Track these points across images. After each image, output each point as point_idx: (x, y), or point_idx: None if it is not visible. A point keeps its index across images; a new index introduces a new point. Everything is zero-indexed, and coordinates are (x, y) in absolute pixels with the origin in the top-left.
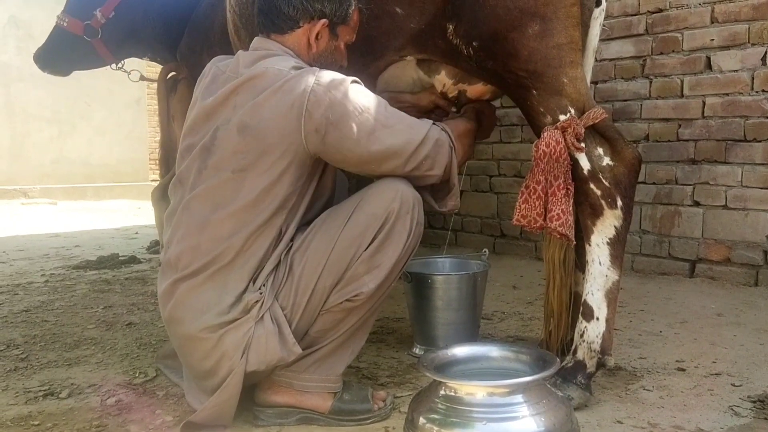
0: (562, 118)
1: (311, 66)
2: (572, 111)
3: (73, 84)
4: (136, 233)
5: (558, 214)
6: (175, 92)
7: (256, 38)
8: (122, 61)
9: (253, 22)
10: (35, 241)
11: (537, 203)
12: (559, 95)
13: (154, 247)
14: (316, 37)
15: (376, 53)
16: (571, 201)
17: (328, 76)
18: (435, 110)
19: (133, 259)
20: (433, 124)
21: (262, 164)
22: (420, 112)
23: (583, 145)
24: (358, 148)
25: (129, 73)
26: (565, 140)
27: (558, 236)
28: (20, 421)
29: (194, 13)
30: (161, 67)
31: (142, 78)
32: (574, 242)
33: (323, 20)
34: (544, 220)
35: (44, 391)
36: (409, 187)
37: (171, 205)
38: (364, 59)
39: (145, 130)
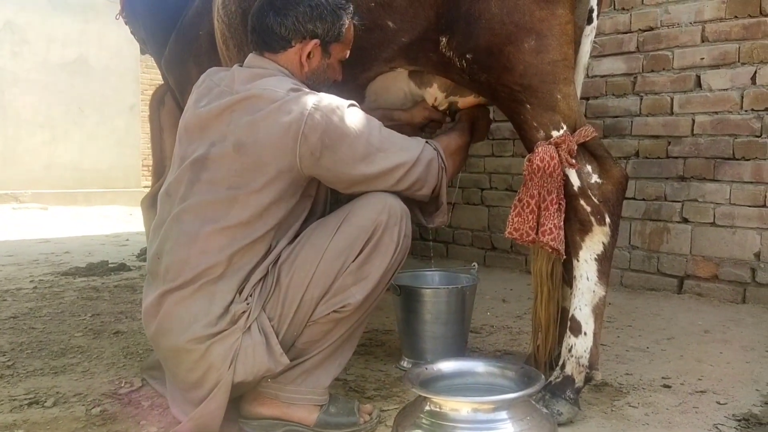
0: (554, 134)
1: (305, 84)
2: (565, 127)
3: (66, 89)
4: (127, 240)
5: (550, 229)
6: (164, 105)
7: (250, 55)
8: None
9: (240, 33)
10: (25, 246)
11: (530, 217)
12: (553, 111)
13: (144, 254)
14: (308, 57)
15: (366, 64)
16: (563, 216)
17: (326, 100)
18: (429, 124)
19: (122, 267)
20: (426, 142)
21: (256, 183)
22: (414, 129)
23: (574, 161)
24: (353, 171)
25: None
26: (559, 156)
27: (550, 250)
28: (4, 429)
29: (180, 23)
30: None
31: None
32: (565, 256)
33: (315, 40)
34: (536, 233)
35: (29, 399)
36: (396, 200)
37: (158, 215)
38: (354, 70)
39: (137, 136)
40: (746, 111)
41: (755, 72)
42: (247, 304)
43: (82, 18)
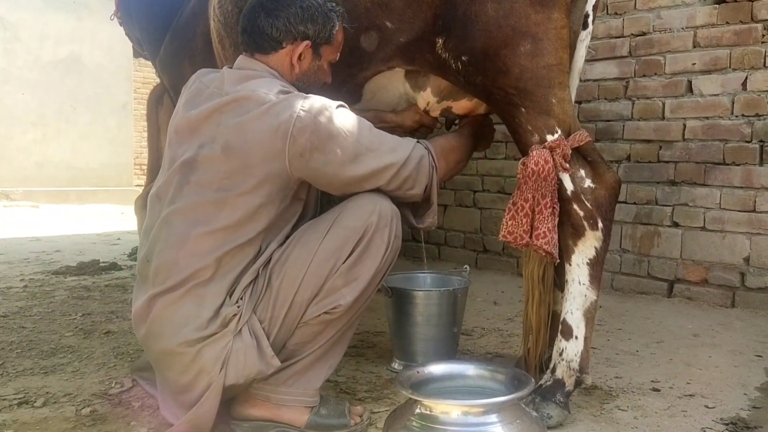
0: (549, 138)
1: (295, 85)
2: (559, 131)
3: (59, 88)
4: (118, 239)
5: (544, 232)
6: (162, 104)
7: (240, 57)
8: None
9: (236, 32)
10: (16, 244)
11: (524, 220)
12: (548, 115)
13: (135, 254)
14: (299, 58)
15: (364, 64)
16: (557, 220)
17: (314, 101)
18: (420, 129)
19: (113, 266)
20: (417, 142)
21: (245, 185)
22: (405, 132)
23: (569, 165)
24: (343, 172)
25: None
26: (554, 160)
27: (543, 254)
28: None
29: (175, 22)
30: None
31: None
32: (558, 260)
33: (306, 42)
34: (530, 237)
35: (19, 399)
36: (387, 201)
37: (148, 218)
38: (351, 69)
39: (130, 134)
40: (737, 116)
41: (746, 78)
42: (238, 306)
43: (75, 15)
